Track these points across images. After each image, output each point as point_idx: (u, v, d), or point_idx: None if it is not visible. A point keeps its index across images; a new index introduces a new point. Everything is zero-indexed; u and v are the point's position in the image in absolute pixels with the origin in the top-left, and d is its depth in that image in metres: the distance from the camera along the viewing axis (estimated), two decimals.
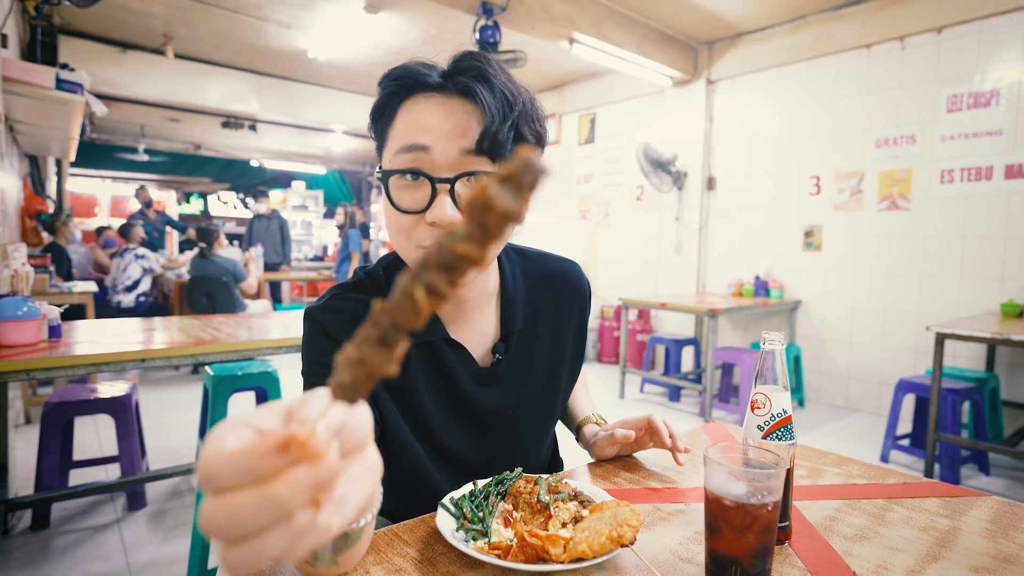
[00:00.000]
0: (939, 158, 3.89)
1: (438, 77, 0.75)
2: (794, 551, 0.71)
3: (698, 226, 5.25)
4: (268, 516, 0.27)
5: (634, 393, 4.80)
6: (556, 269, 1.01)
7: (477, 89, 0.73)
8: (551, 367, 0.96)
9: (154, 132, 8.92)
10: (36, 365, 1.75)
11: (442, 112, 0.73)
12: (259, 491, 0.26)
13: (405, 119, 0.75)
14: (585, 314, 1.03)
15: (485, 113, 0.72)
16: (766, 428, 0.72)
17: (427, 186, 0.73)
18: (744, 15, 4.55)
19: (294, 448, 0.27)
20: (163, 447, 3.22)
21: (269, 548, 0.27)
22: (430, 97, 0.74)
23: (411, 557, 0.68)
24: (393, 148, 0.75)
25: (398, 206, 0.75)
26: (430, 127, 0.73)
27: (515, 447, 0.94)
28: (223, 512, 0.27)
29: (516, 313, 0.92)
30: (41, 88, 2.60)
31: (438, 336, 0.86)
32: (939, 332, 2.85)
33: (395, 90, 0.76)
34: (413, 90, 0.76)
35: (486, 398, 0.89)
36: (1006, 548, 0.72)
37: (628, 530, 0.65)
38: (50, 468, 2.31)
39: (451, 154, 0.72)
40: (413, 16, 4.79)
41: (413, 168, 0.73)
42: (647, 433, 0.98)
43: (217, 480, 0.27)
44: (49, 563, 2.07)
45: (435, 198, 0.73)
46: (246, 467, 0.27)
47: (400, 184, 0.75)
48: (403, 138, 0.74)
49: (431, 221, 0.73)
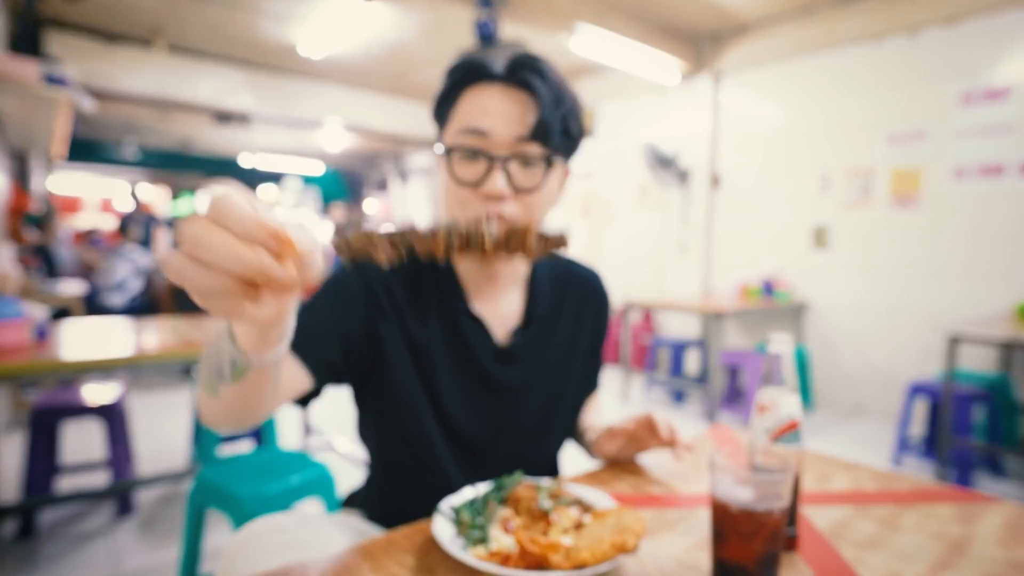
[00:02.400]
0: (952, 155, 3.83)
1: (501, 69, 0.84)
2: (802, 559, 0.70)
3: (703, 225, 5.18)
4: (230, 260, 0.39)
5: (638, 395, 4.76)
6: (580, 273, 1.09)
7: (535, 82, 0.82)
8: (565, 360, 1.01)
9: (145, 128, 8.82)
10: (22, 369, 1.70)
11: (502, 99, 0.83)
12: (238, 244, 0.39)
13: (469, 103, 0.84)
14: (602, 322, 1.09)
15: (540, 104, 0.82)
16: (773, 432, 0.71)
17: (483, 163, 0.82)
18: (750, 7, 4.48)
19: (281, 241, 0.41)
20: (153, 451, 3.16)
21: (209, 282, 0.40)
22: (492, 85, 0.84)
23: (408, 565, 0.67)
24: (456, 128, 0.84)
25: (457, 177, 0.83)
26: (491, 112, 0.82)
27: (520, 430, 0.97)
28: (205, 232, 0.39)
29: (541, 300, 0.98)
30: (27, 82, 2.52)
31: (461, 309, 0.93)
32: (952, 334, 2.80)
33: (462, 77, 0.85)
34: (478, 78, 0.84)
35: (502, 373, 0.94)
36: (1021, 555, 0.70)
37: (631, 537, 0.64)
38: (37, 474, 2.28)
39: (507, 137, 0.82)
40: (410, 8, 4.70)
41: (474, 146, 0.82)
42: (647, 431, 0.96)
43: (223, 210, 0.39)
44: (36, 570, 2.04)
45: (490, 173, 0.81)
46: (245, 220, 0.39)
47: (459, 160, 0.84)
48: (466, 120, 0.83)
49: (485, 193, 0.81)
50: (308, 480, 1.69)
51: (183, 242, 0.40)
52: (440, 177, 0.88)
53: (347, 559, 0.68)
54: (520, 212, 0.84)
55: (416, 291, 0.92)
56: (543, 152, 0.83)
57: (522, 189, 0.83)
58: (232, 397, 0.59)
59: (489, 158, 0.81)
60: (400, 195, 10.16)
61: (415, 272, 0.93)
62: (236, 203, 0.39)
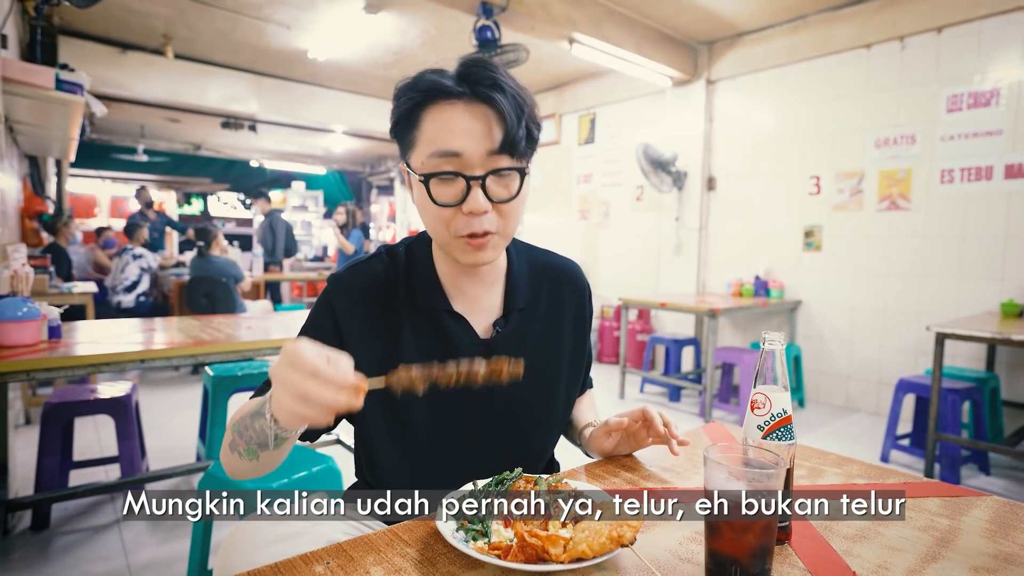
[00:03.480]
0: (939, 158, 3.89)
1: (458, 86, 0.84)
2: (794, 551, 0.71)
3: (698, 226, 5.25)
4: (330, 403, 0.64)
5: (634, 393, 4.80)
6: (557, 263, 1.09)
7: (496, 96, 0.83)
8: (549, 351, 1.01)
9: (154, 133, 8.92)
10: (36, 366, 1.75)
11: (468, 118, 0.83)
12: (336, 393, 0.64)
13: (433, 125, 0.84)
14: (584, 309, 1.08)
15: (505, 117, 0.83)
16: (766, 428, 0.72)
17: (461, 183, 0.83)
18: (744, 15, 4.55)
19: (359, 390, 0.66)
20: (163, 447, 3.21)
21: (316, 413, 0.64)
22: (453, 104, 0.84)
23: (411, 557, 0.68)
24: (425, 151, 0.84)
25: (437, 201, 0.84)
26: (459, 132, 0.82)
27: (510, 423, 0.97)
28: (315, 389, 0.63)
29: (519, 293, 1.00)
30: (41, 88, 2.60)
31: (441, 307, 0.95)
32: (939, 332, 2.84)
33: (420, 100, 0.85)
34: (436, 98, 0.84)
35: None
36: (1006, 548, 0.72)
37: (628, 530, 0.65)
38: (50, 469, 2.31)
39: (480, 154, 0.83)
40: (413, 16, 4.79)
41: (450, 170, 0.83)
42: (643, 426, 0.99)
43: (319, 372, 0.63)
44: (49, 564, 2.07)
45: (469, 193, 0.83)
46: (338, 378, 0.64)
47: (437, 182, 0.85)
48: (435, 143, 0.83)
49: (468, 211, 0.84)
50: (315, 473, 1.69)
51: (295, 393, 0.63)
52: (415, 194, 0.89)
53: (351, 551, 0.69)
54: (498, 221, 0.86)
55: (386, 304, 0.94)
56: (514, 163, 0.84)
57: (500, 201, 0.85)
58: (267, 458, 0.79)
59: (467, 179, 0.82)
60: (403, 197, 10.23)
61: (386, 288, 0.95)
62: (327, 367, 0.64)
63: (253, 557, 0.74)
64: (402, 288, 0.95)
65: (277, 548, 0.75)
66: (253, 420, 0.74)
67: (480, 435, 0.96)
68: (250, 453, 0.77)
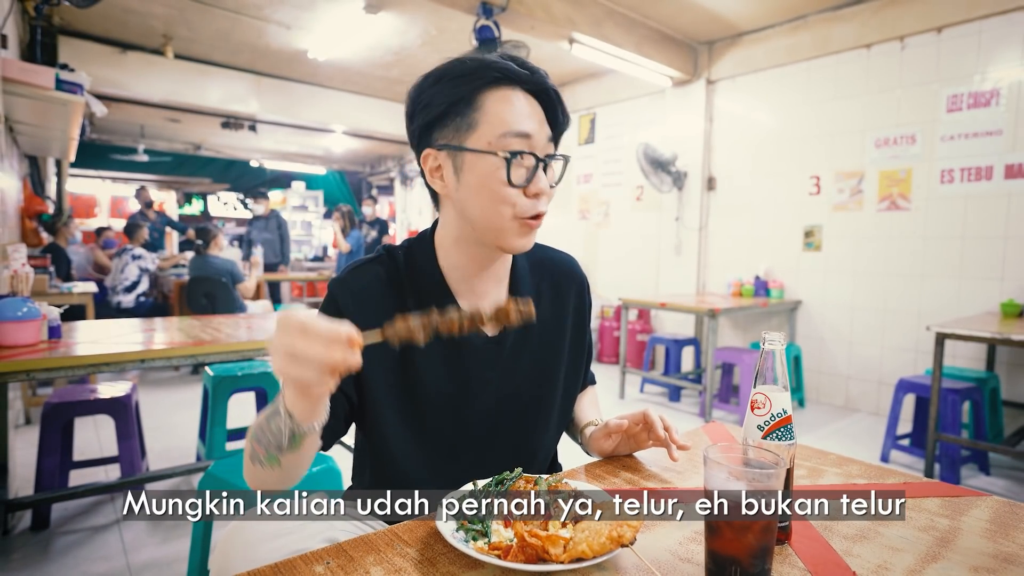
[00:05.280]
0: (939, 158, 3.89)
1: (524, 72, 0.87)
2: (794, 551, 0.71)
3: (698, 226, 5.25)
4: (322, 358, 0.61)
5: (634, 393, 4.80)
6: (554, 257, 1.10)
7: (551, 86, 0.89)
8: (551, 346, 1.02)
9: (154, 133, 8.92)
10: (36, 366, 1.75)
11: (529, 103, 0.87)
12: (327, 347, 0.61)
13: (500, 106, 0.86)
14: (583, 302, 1.09)
15: (563, 109, 0.90)
16: (766, 428, 0.72)
17: (530, 163, 0.87)
18: (744, 15, 4.55)
19: (352, 341, 0.63)
20: (163, 447, 3.22)
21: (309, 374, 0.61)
22: (515, 89, 0.87)
23: (411, 557, 0.68)
24: (495, 131, 0.85)
25: (513, 181, 0.86)
26: (528, 115, 0.86)
27: (514, 419, 0.98)
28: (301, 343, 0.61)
29: (523, 288, 1.01)
30: (41, 88, 2.60)
31: (448, 304, 0.94)
32: (939, 332, 2.84)
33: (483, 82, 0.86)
34: (499, 82, 0.86)
35: (495, 362, 0.96)
36: (1006, 548, 0.72)
37: (628, 530, 0.65)
38: (50, 468, 2.31)
39: (543, 138, 0.88)
40: (413, 16, 4.79)
41: (527, 150, 0.86)
42: (644, 428, 0.99)
43: (308, 327, 0.61)
44: (49, 563, 2.07)
45: (536, 173, 0.87)
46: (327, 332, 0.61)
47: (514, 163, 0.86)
48: (508, 124, 0.85)
49: (535, 192, 0.87)
50: (315, 474, 1.69)
51: (284, 353, 0.61)
52: (468, 178, 0.88)
53: (351, 551, 0.69)
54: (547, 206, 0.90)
55: (391, 304, 0.93)
56: (561, 154, 0.91)
57: (553, 186, 0.90)
58: (289, 462, 0.76)
59: (538, 160, 0.86)
60: (403, 197, 10.23)
61: (390, 288, 0.95)
62: (318, 321, 0.61)
63: (249, 555, 0.74)
64: (406, 287, 0.95)
65: (273, 545, 0.74)
66: (269, 422, 0.73)
67: (484, 433, 0.96)
68: (270, 459, 0.75)
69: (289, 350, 0.60)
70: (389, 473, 0.96)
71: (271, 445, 0.74)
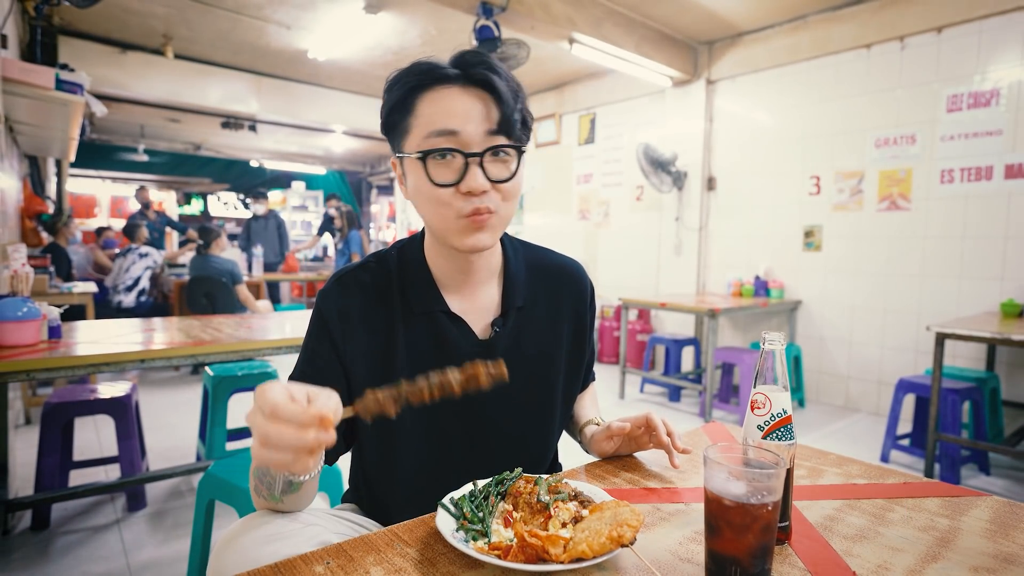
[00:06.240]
0: (939, 158, 3.89)
1: (453, 70, 0.84)
2: (794, 551, 0.71)
3: (698, 226, 5.25)
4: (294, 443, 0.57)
5: (634, 393, 4.80)
6: (556, 261, 1.08)
7: (492, 78, 0.84)
8: (546, 351, 1.00)
9: (154, 133, 8.92)
10: (36, 366, 1.74)
11: (465, 100, 0.84)
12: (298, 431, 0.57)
13: (430, 107, 0.84)
14: (584, 308, 1.07)
15: (502, 99, 0.84)
16: (766, 428, 0.72)
17: (459, 162, 0.83)
18: (744, 15, 4.55)
19: (324, 422, 0.58)
20: (163, 447, 3.22)
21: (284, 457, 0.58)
22: (449, 88, 0.84)
23: (411, 557, 0.68)
24: (421, 133, 0.84)
25: (435, 181, 0.84)
26: (456, 113, 0.83)
27: (509, 423, 0.97)
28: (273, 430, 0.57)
29: (517, 290, 0.99)
30: (41, 88, 2.60)
31: (437, 308, 0.94)
32: (939, 332, 2.84)
33: (416, 84, 0.85)
34: (432, 84, 0.84)
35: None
36: (1006, 548, 0.72)
37: (628, 530, 0.65)
38: (50, 468, 2.31)
39: (478, 134, 0.83)
40: (413, 16, 4.79)
41: (447, 147, 0.83)
42: (646, 431, 0.98)
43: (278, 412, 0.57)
44: (49, 563, 2.07)
45: (467, 171, 0.83)
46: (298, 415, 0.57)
47: (434, 162, 0.84)
48: (432, 124, 0.83)
49: (466, 190, 0.83)
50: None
51: (259, 437, 0.58)
52: (410, 183, 0.89)
53: (351, 551, 0.69)
54: (499, 201, 0.85)
55: (380, 313, 0.93)
56: (510, 143, 0.85)
57: (499, 180, 0.84)
58: (291, 501, 0.79)
59: (464, 156, 0.82)
60: (402, 197, 10.23)
61: (378, 296, 0.94)
62: (287, 405, 0.58)
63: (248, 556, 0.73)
64: (395, 293, 0.94)
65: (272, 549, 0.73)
66: (267, 471, 0.76)
67: (480, 437, 0.96)
68: (272, 498, 0.78)
69: (260, 435, 0.58)
70: (387, 475, 0.96)
71: (272, 487, 0.76)
